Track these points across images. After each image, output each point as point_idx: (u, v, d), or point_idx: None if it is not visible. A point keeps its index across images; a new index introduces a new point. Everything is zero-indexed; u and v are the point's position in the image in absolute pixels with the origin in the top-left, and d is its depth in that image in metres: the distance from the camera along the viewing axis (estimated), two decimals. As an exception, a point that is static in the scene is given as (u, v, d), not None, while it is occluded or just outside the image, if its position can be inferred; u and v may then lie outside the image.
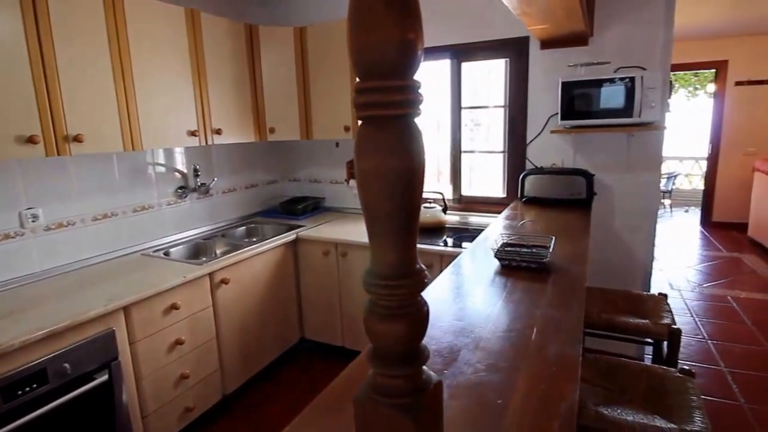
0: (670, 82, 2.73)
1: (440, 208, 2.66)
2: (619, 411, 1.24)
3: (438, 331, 1.09)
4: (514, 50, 2.58)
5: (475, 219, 2.74)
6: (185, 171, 2.55)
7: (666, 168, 7.55)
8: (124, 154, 2.20)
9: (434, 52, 2.75)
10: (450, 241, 2.49)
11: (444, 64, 2.81)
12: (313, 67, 2.68)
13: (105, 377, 1.63)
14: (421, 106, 0.57)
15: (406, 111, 0.54)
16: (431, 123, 3.04)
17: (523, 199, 2.46)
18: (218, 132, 2.31)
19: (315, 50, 2.65)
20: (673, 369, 1.38)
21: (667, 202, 6.76)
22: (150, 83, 1.98)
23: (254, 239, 2.65)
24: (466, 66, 2.82)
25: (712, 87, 6.05)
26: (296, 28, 2.67)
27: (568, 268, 1.51)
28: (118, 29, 1.84)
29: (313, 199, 3.12)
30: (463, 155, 2.91)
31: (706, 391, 2.38)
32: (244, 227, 2.82)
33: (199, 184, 2.55)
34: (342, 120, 2.62)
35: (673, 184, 6.76)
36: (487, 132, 3.06)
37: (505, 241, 1.64)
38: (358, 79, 0.54)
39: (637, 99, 2.20)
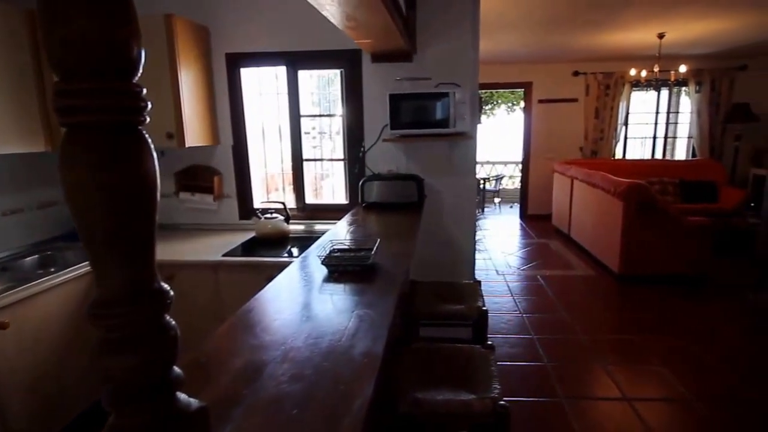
0: (480, 98, 3.17)
1: (282, 218, 2.60)
2: (433, 393, 1.35)
3: (247, 349, 1.04)
4: (348, 61, 2.68)
5: (320, 227, 2.75)
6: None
7: (495, 171, 8.81)
8: None
9: (268, 57, 2.70)
10: (295, 251, 2.45)
11: (281, 71, 2.77)
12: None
13: None
14: (146, 113, 0.52)
15: (123, 118, 0.49)
16: (273, 131, 2.96)
17: (364, 205, 2.57)
18: (-15, 140, 1.85)
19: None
20: (479, 346, 1.58)
21: (497, 200, 7.89)
22: None
23: (52, 269, 2.19)
24: (306, 74, 2.84)
25: (523, 103, 7.27)
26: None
27: (391, 268, 1.60)
28: None
29: (136, 215, 2.73)
30: (307, 163, 2.91)
31: (521, 358, 2.82)
32: (36, 256, 2.32)
33: (-39, 205, 2.00)
34: (164, 126, 2.36)
35: (500, 184, 7.92)
36: (332, 140, 3.13)
37: (333, 247, 1.67)
38: (57, 79, 0.47)
39: (452, 112, 2.49)
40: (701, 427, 2.16)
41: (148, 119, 0.51)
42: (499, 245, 5.50)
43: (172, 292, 0.55)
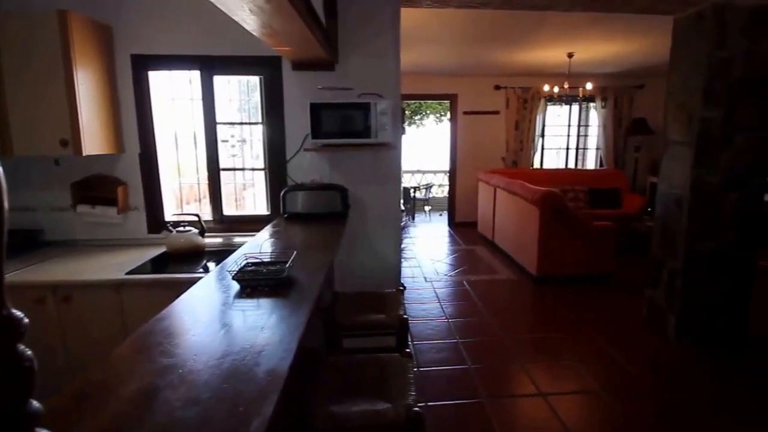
0: (403, 109, 3.25)
1: (197, 231, 2.46)
2: (349, 405, 1.34)
3: (141, 374, 0.95)
4: (268, 68, 2.61)
5: (239, 239, 2.63)
6: None
7: (425, 180, 9.08)
8: None
9: (180, 61, 2.55)
10: (211, 265, 2.32)
11: (195, 75, 2.63)
12: (10, 66, 2.11)
13: None
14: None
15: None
16: (188, 139, 2.80)
17: (285, 216, 2.50)
18: None
19: (14, 44, 2.10)
20: (396, 354, 1.59)
21: (427, 208, 8.11)
22: None
23: None
24: (225, 79, 2.72)
25: (449, 114, 7.58)
26: (-20, 14, 2.06)
27: (307, 281, 1.56)
28: None
29: (24, 232, 2.43)
30: (227, 173, 2.78)
31: (446, 363, 2.90)
32: None
33: None
34: (57, 132, 2.13)
35: (430, 193, 8.17)
36: (253, 149, 3.02)
37: (247, 261, 1.60)
38: None
39: (373, 122, 2.52)
40: (608, 417, 2.35)
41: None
42: (428, 253, 5.65)
43: (26, 320, 0.49)
